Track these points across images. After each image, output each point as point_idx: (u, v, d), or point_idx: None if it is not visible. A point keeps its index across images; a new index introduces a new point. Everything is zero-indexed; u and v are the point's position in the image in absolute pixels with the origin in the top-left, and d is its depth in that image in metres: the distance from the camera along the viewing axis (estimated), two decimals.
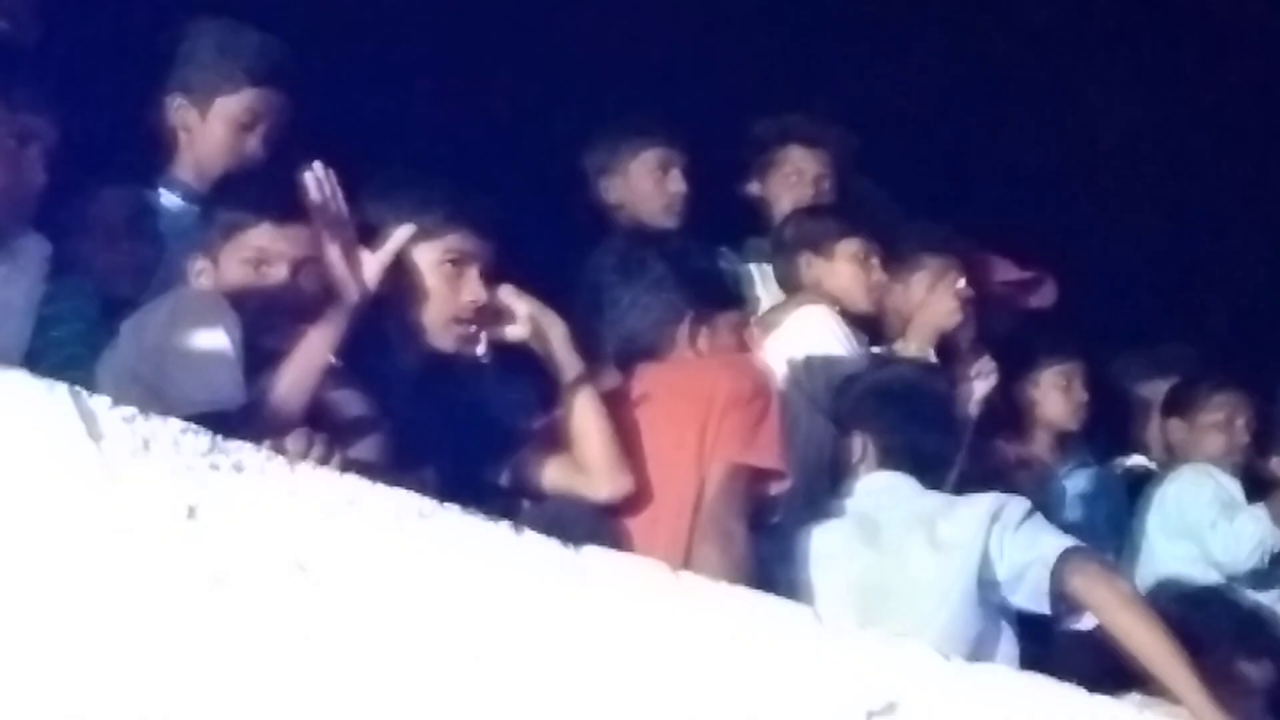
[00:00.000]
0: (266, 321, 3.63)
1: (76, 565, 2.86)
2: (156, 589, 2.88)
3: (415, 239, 3.81)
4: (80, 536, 2.86)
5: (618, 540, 3.68)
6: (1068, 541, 4.01)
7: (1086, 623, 3.98)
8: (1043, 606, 3.99)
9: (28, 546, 2.83)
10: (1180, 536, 5.17)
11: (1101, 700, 3.63)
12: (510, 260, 3.96)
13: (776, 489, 4.09)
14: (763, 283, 5.13)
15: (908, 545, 4.10)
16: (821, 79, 5.87)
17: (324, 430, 3.40)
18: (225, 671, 2.89)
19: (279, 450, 3.13)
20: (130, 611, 2.86)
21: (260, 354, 3.57)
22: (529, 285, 3.96)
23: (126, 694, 2.84)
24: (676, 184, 5.02)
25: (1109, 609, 3.90)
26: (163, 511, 2.91)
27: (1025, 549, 4.01)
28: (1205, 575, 5.05)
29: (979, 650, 3.91)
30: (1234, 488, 5.23)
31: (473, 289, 3.86)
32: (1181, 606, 4.67)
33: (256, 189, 3.84)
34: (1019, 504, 4.10)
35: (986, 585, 4.03)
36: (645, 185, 5.02)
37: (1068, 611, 3.99)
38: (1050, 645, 4.13)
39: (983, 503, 4.11)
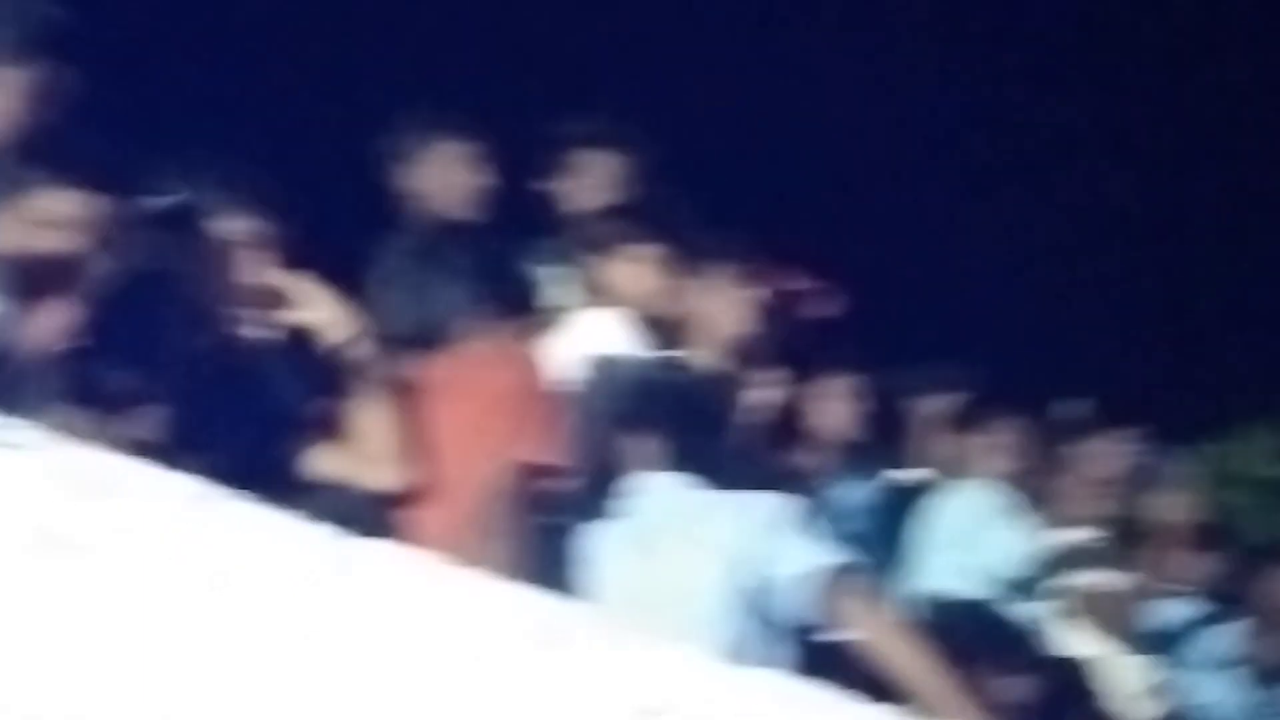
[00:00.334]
0: (38, 286, 3.56)
1: None
2: None
3: (204, 219, 3.77)
4: None
5: (396, 531, 3.66)
6: (833, 558, 4.02)
7: (850, 636, 4.01)
8: (802, 619, 4.01)
9: None
10: (952, 549, 5.25)
11: (872, 709, 3.67)
12: (301, 244, 3.93)
13: (558, 486, 4.09)
14: (555, 283, 5.13)
15: (678, 547, 4.11)
16: (623, 84, 5.89)
17: (95, 407, 3.34)
18: None
19: (40, 424, 3.07)
20: None
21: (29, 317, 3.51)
22: (319, 270, 3.93)
23: None
24: (479, 177, 5.01)
25: (871, 632, 3.92)
26: None
27: (789, 560, 4.01)
28: (975, 589, 5.13)
29: (751, 654, 3.93)
30: (1005, 507, 5.32)
31: (257, 271, 3.82)
32: (949, 619, 4.75)
33: (42, 155, 3.77)
34: (781, 508, 4.10)
35: (754, 590, 4.05)
36: (448, 176, 5.00)
37: (830, 626, 4.02)
38: (827, 651, 4.17)
39: (745, 505, 4.12)
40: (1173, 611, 5.66)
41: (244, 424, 3.79)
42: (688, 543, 4.11)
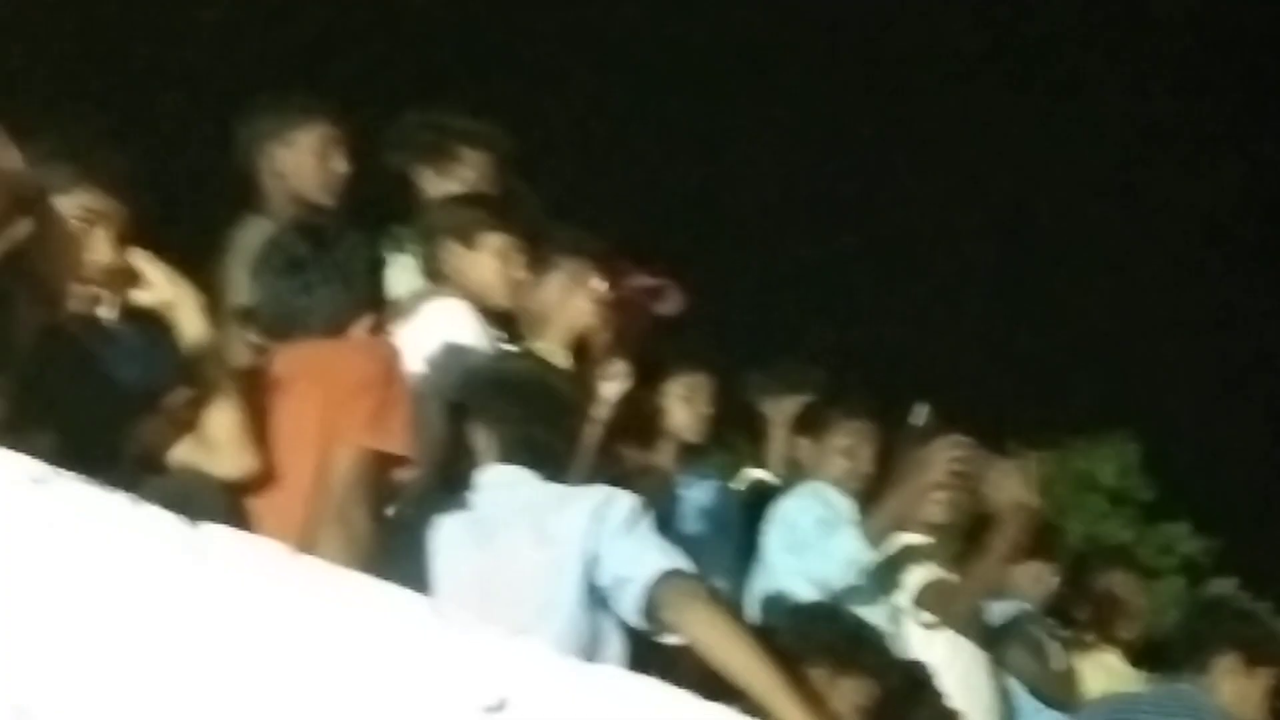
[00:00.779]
0: None
1: None
2: None
3: (46, 193, 3.68)
4: None
5: (240, 519, 3.61)
6: (667, 562, 4.00)
7: (685, 639, 4.00)
8: (638, 623, 4.01)
9: None
10: (795, 551, 5.27)
11: (713, 707, 3.67)
12: (153, 225, 3.86)
13: (403, 476, 4.05)
14: (407, 270, 5.09)
15: (518, 540, 4.10)
16: (482, 78, 5.88)
17: None
18: None
19: None
20: None
21: None
22: (172, 252, 3.87)
23: None
24: (339, 164, 4.97)
25: (704, 638, 3.91)
26: None
27: (626, 562, 4.01)
28: (818, 590, 5.15)
29: (593, 649, 3.92)
30: (846, 510, 5.34)
31: (103, 250, 3.75)
32: (791, 620, 4.77)
33: None
34: (622, 504, 4.08)
35: (594, 588, 4.04)
36: (309, 161, 4.96)
37: (666, 629, 4.01)
38: (665, 650, 4.16)
39: (587, 500, 4.11)
40: (1005, 611, 5.72)
41: (88, 405, 3.72)
42: (529, 537, 4.09)
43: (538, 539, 4.08)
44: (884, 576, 5.35)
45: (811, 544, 5.23)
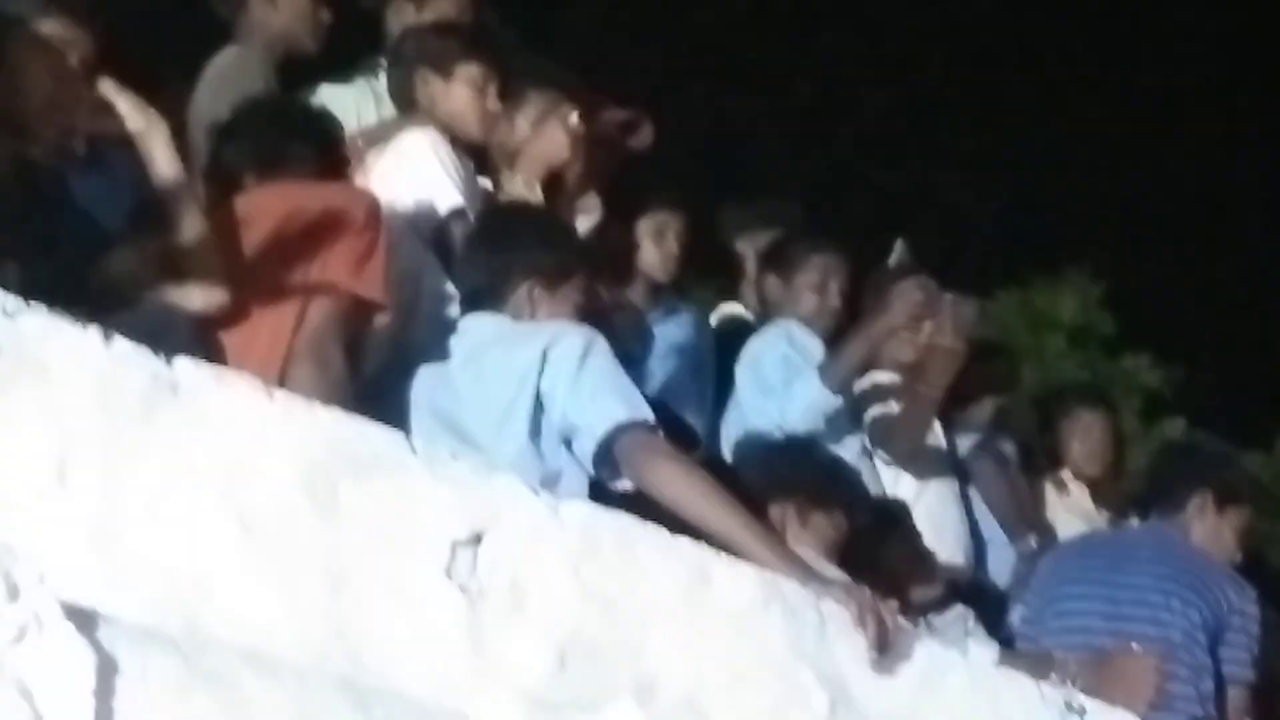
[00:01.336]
0: None
1: None
2: None
3: (18, 26, 3.63)
4: None
5: (212, 354, 3.60)
6: (623, 412, 3.98)
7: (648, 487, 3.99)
8: (592, 469, 4.00)
9: None
10: (766, 388, 5.27)
11: (683, 540, 3.70)
12: (116, 54, 3.81)
13: (378, 322, 4.04)
14: (375, 101, 5.05)
15: (474, 380, 4.09)
16: None
17: None
18: None
19: None
20: None
21: None
22: (136, 82, 3.82)
23: None
24: (325, 13, 4.94)
25: (664, 489, 3.89)
26: None
27: (578, 407, 3.99)
28: (788, 427, 5.16)
29: (556, 484, 3.92)
30: (814, 349, 5.33)
31: (80, 81, 3.70)
32: (765, 456, 4.79)
33: None
34: (573, 343, 4.05)
35: (560, 428, 4.03)
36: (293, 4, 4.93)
37: (616, 476, 4.02)
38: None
39: (538, 339, 4.09)
40: (972, 443, 5.74)
41: (58, 238, 3.69)
42: (485, 375, 4.09)
43: (493, 377, 4.08)
44: (855, 413, 5.36)
45: (779, 387, 5.22)
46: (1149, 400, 14.87)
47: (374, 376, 4.12)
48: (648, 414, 4.00)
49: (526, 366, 4.03)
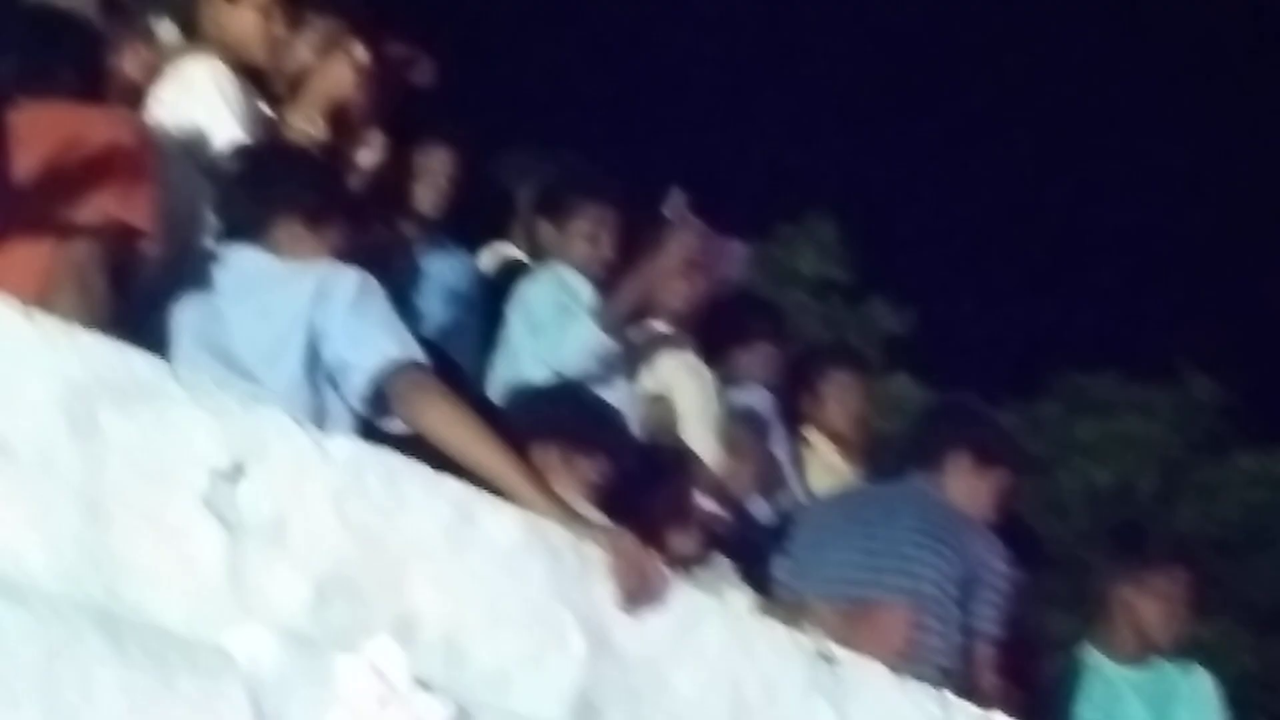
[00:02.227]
0: None
1: None
2: None
3: None
4: None
5: None
6: (396, 351, 3.98)
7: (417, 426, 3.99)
8: (362, 408, 3.99)
9: None
10: (531, 336, 5.27)
11: (448, 480, 3.70)
12: None
13: (145, 251, 3.98)
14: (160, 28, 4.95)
15: (244, 311, 4.05)
16: None
17: None
18: None
19: None
20: None
21: None
22: None
23: None
24: None
25: (436, 429, 3.89)
26: None
27: (351, 344, 3.98)
28: (558, 371, 5.16)
29: (319, 422, 3.89)
30: (586, 296, 5.34)
31: None
32: (531, 397, 4.79)
33: None
34: (348, 281, 4.04)
35: (318, 363, 4.01)
36: None
37: (386, 415, 4.01)
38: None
39: (311, 275, 4.06)
40: (745, 399, 5.78)
41: None
42: (255, 310, 4.05)
43: (265, 312, 4.04)
44: (625, 360, 5.37)
45: (549, 330, 5.22)
46: (889, 345, 15.10)
47: (142, 305, 4.05)
48: (419, 353, 4.00)
49: (300, 303, 4.00)
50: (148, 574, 3.20)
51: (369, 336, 3.98)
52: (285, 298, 4.03)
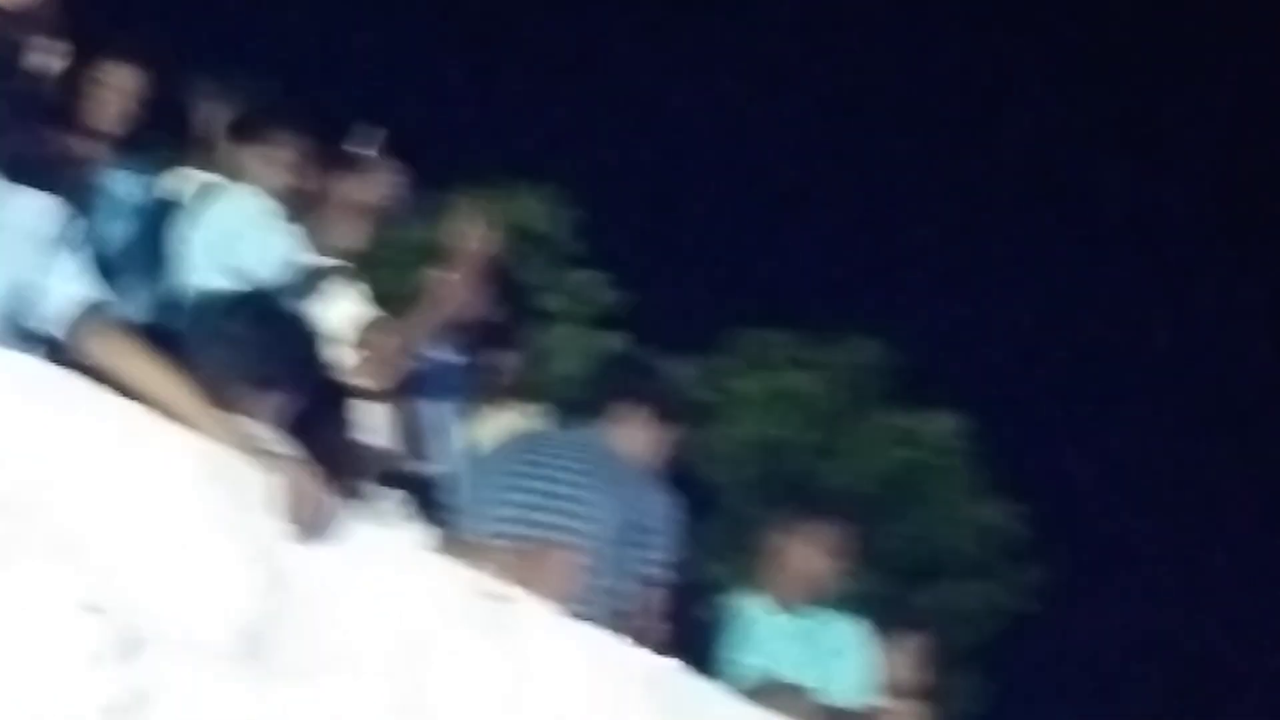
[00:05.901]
0: None
1: None
2: None
3: None
4: None
5: None
6: (83, 290, 3.94)
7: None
8: (53, 332, 3.92)
9: None
10: (219, 251, 5.20)
11: (125, 403, 3.64)
12: None
13: None
14: None
15: None
16: None
17: None
18: None
19: None
20: None
21: None
22: None
23: None
24: None
25: (116, 369, 3.84)
26: None
27: (41, 274, 3.92)
28: (240, 288, 5.09)
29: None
30: (274, 209, 5.32)
31: None
32: (212, 318, 4.69)
33: None
34: (52, 215, 3.97)
35: (10, 294, 3.92)
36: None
37: (79, 354, 3.92)
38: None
39: (21, 208, 3.95)
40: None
41: None
42: None
43: None
44: (301, 289, 5.33)
45: (239, 240, 5.17)
46: (599, 314, 15.35)
47: None
48: (101, 291, 3.95)
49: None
50: None
51: (61, 270, 3.93)
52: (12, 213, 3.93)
